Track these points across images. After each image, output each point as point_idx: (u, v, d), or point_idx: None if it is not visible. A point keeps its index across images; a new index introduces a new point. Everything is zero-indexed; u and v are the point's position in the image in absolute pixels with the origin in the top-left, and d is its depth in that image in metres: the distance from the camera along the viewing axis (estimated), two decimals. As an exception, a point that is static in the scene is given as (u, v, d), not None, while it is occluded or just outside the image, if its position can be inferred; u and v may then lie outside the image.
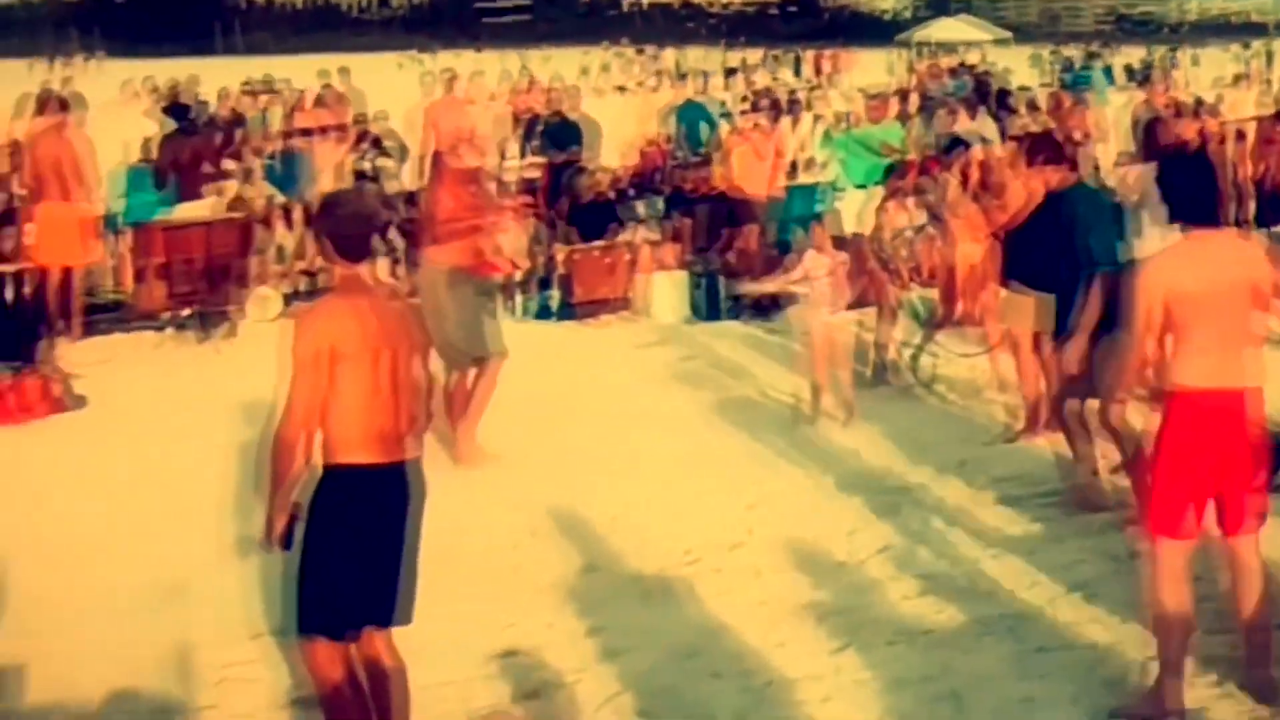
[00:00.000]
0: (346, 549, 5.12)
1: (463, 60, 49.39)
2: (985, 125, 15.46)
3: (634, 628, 6.82)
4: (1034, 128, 14.89)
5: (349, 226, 5.26)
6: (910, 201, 11.15)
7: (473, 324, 9.32)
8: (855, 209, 13.23)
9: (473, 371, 9.34)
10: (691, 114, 18.31)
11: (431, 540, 5.42)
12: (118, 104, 22.27)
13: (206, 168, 15.52)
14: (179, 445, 9.94)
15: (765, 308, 13.49)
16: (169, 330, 13.41)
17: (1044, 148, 8.84)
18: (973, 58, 38.29)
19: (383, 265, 13.28)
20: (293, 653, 5.92)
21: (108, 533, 8.36)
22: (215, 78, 23.61)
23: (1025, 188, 8.95)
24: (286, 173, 16.72)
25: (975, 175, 11.03)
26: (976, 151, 11.56)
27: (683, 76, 20.12)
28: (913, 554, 7.59)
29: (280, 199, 15.25)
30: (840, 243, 11.07)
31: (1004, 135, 14.90)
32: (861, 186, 14.23)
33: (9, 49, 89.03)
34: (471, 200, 9.55)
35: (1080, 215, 8.14)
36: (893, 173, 12.07)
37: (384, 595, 5.18)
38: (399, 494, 5.21)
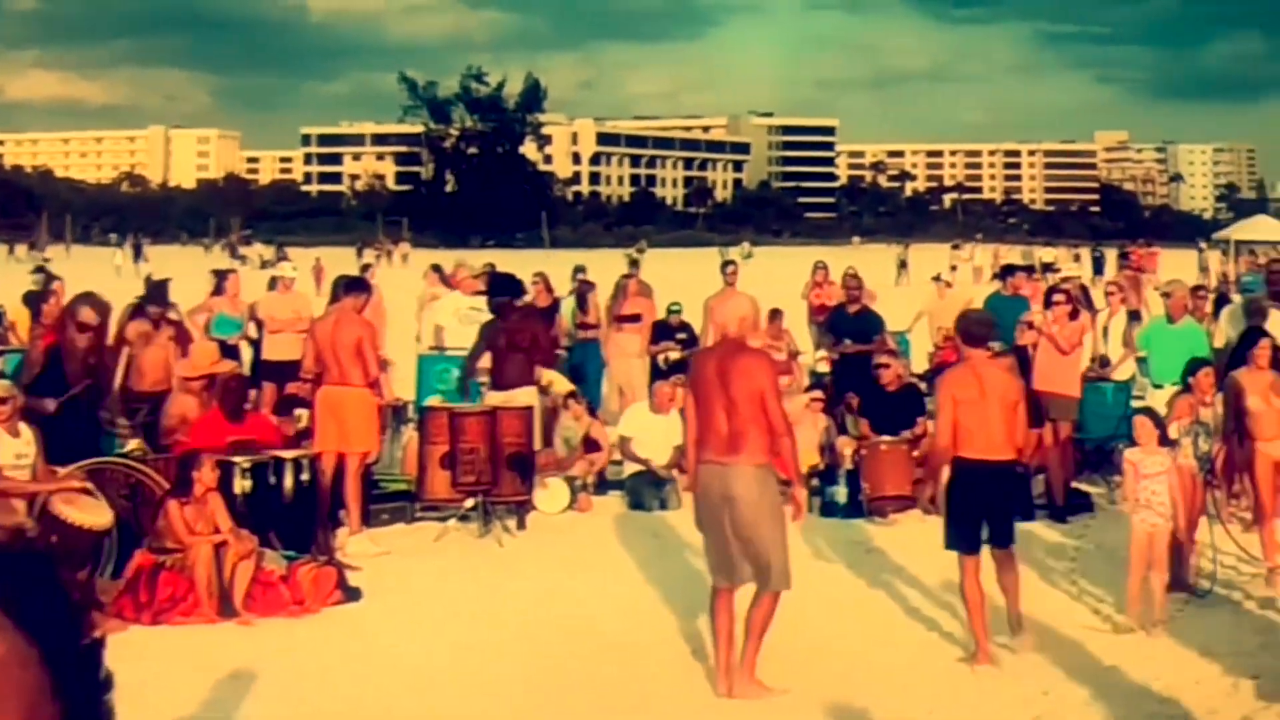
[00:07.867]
0: None
1: (770, 254, 48.64)
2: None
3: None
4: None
5: (975, 328, 9.07)
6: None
7: None
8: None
9: None
10: (999, 306, 15.62)
11: None
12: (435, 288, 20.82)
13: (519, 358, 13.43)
14: (455, 645, 9.45)
15: (1066, 509, 12.73)
16: (452, 522, 12.44)
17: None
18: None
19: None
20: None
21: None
22: (532, 267, 20.98)
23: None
24: (580, 362, 16.38)
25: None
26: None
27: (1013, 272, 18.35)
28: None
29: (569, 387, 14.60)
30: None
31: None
32: (1159, 386, 13.09)
33: (335, 238, 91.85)
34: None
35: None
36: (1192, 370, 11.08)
37: None
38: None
